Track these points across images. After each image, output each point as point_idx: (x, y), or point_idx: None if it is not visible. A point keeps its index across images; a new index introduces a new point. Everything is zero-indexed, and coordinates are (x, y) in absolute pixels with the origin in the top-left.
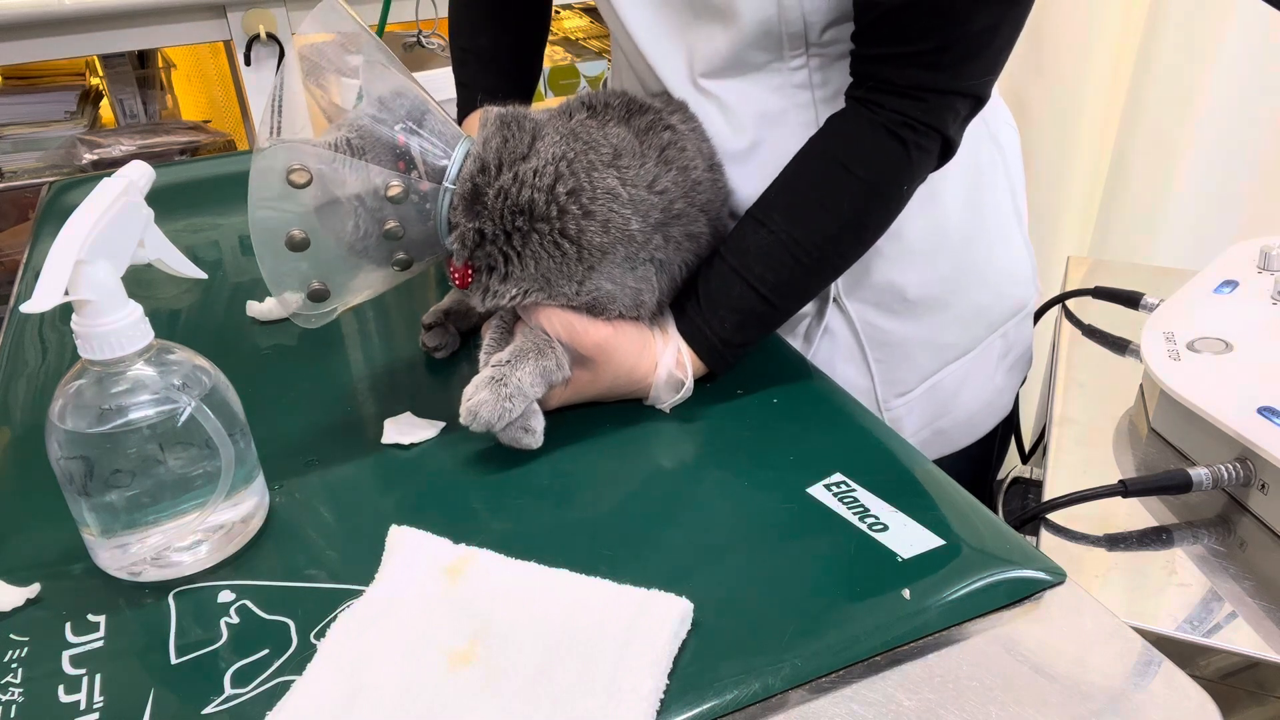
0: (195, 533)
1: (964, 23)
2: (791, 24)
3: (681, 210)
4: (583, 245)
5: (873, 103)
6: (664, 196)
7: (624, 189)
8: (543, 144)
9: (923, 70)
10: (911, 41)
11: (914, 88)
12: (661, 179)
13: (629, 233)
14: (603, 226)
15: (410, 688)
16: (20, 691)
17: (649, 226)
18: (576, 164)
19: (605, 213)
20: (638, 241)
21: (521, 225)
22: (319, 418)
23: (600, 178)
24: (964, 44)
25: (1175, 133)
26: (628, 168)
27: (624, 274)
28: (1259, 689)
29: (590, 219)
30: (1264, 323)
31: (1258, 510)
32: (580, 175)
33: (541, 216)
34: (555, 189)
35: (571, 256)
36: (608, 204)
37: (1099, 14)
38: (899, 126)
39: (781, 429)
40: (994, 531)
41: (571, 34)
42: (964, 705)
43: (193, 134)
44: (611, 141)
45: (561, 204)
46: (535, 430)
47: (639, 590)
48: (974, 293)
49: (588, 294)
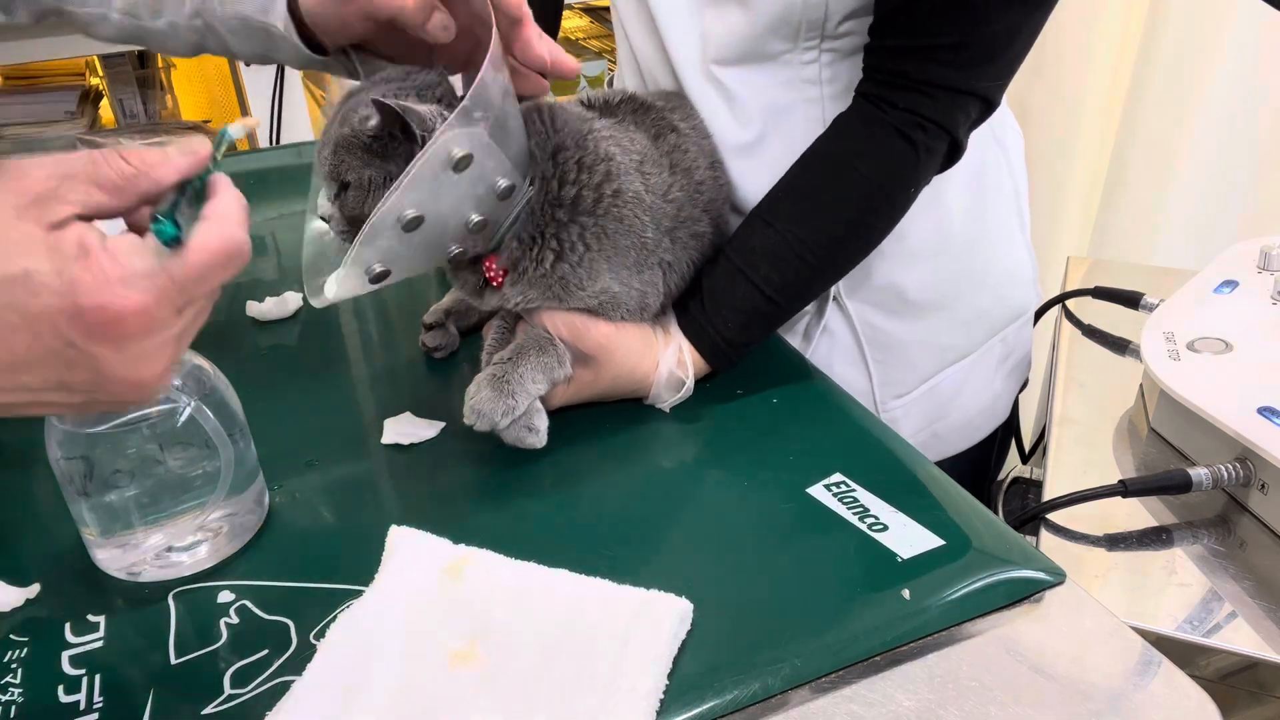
0: (195, 533)
1: (986, 22)
2: (812, 10)
3: (688, 214)
4: (606, 245)
5: (884, 100)
6: (674, 204)
7: (646, 195)
8: (591, 140)
9: (939, 66)
10: (931, 35)
11: (928, 83)
12: (673, 189)
13: (644, 239)
14: (628, 230)
15: (410, 688)
16: (20, 691)
17: (660, 233)
18: (621, 164)
19: (631, 217)
20: (649, 248)
21: (562, 217)
22: (319, 418)
23: (630, 181)
24: (983, 44)
25: (1175, 133)
26: (649, 175)
27: (631, 276)
28: (1259, 689)
29: (620, 222)
30: (1264, 323)
31: (1258, 510)
32: (621, 177)
33: (587, 211)
34: (603, 187)
35: (596, 254)
36: (635, 209)
37: (1099, 14)
38: (909, 127)
39: (781, 429)
40: (994, 531)
41: (571, 34)
42: (964, 705)
43: (193, 134)
44: (638, 146)
45: (606, 203)
46: (539, 429)
47: (639, 590)
48: (975, 295)
49: (594, 298)
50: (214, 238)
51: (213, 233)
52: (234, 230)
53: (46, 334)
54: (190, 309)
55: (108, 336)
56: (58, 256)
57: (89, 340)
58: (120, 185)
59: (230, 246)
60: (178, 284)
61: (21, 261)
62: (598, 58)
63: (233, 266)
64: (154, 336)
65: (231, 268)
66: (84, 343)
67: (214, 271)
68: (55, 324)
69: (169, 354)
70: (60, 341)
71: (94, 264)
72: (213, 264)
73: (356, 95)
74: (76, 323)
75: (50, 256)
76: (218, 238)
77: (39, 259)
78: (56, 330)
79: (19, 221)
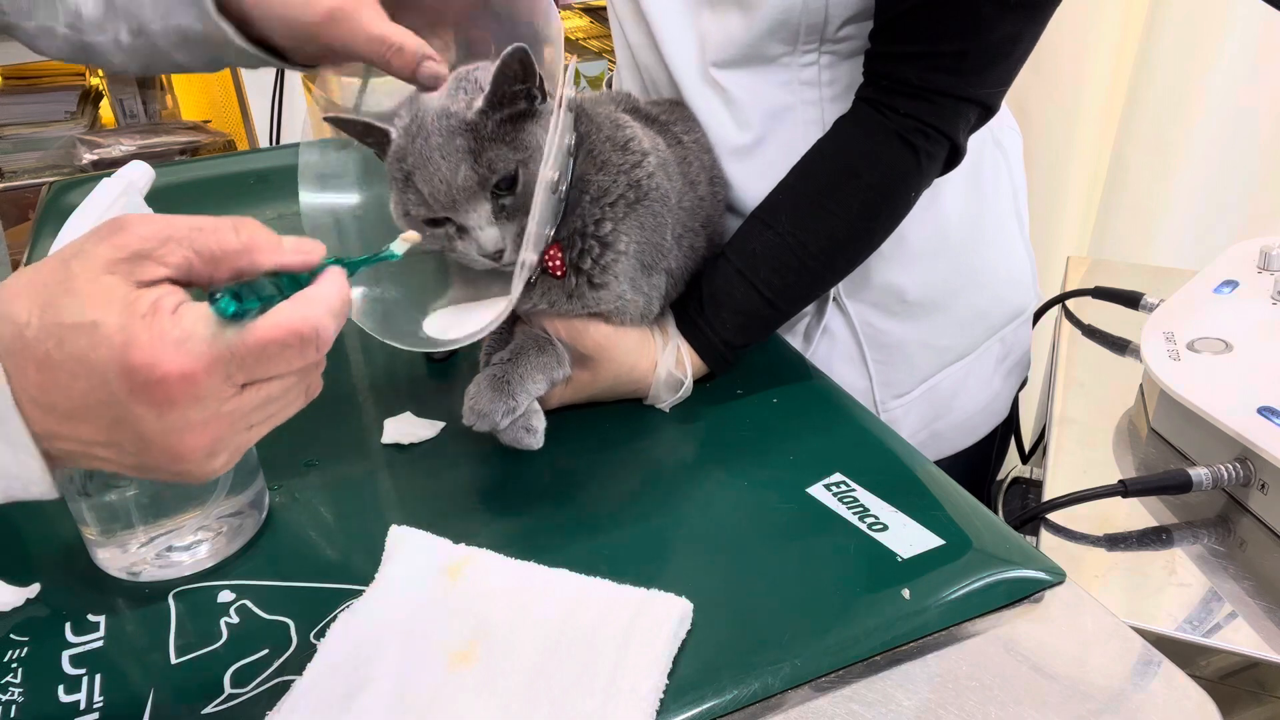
0: (195, 533)
1: (987, 31)
2: (812, 14)
3: (689, 226)
4: (634, 238)
5: (885, 105)
6: (685, 212)
7: (671, 195)
8: (632, 130)
9: (940, 73)
10: (933, 42)
11: (929, 90)
12: (685, 198)
13: (662, 240)
14: (655, 225)
15: (410, 688)
16: (20, 691)
17: (673, 238)
18: (653, 161)
19: (659, 212)
20: (663, 250)
21: (596, 213)
22: (319, 418)
23: (659, 179)
24: (984, 51)
25: (1174, 133)
26: (672, 177)
27: (641, 279)
28: (1259, 689)
29: (650, 216)
30: (1264, 323)
31: (1258, 510)
32: (655, 173)
33: (624, 202)
34: (637, 178)
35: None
36: (662, 206)
37: (1099, 14)
38: (911, 132)
39: (781, 429)
40: (994, 531)
41: (571, 34)
42: (963, 705)
43: (193, 134)
44: (661, 147)
45: (637, 193)
46: (536, 430)
47: (639, 590)
48: (973, 295)
49: (612, 300)
50: (286, 317)
51: (287, 312)
52: (314, 314)
53: (99, 386)
54: (253, 389)
55: (151, 397)
56: (128, 312)
57: (131, 398)
58: (218, 257)
59: (303, 329)
60: (234, 356)
61: (93, 313)
62: (598, 58)
63: (305, 351)
64: (198, 406)
65: (304, 352)
66: (127, 399)
67: (278, 350)
68: (106, 377)
69: (216, 431)
70: (108, 394)
71: (155, 323)
72: (277, 342)
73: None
74: (123, 379)
75: (122, 311)
76: (290, 317)
77: (110, 312)
78: (106, 383)
79: (106, 274)
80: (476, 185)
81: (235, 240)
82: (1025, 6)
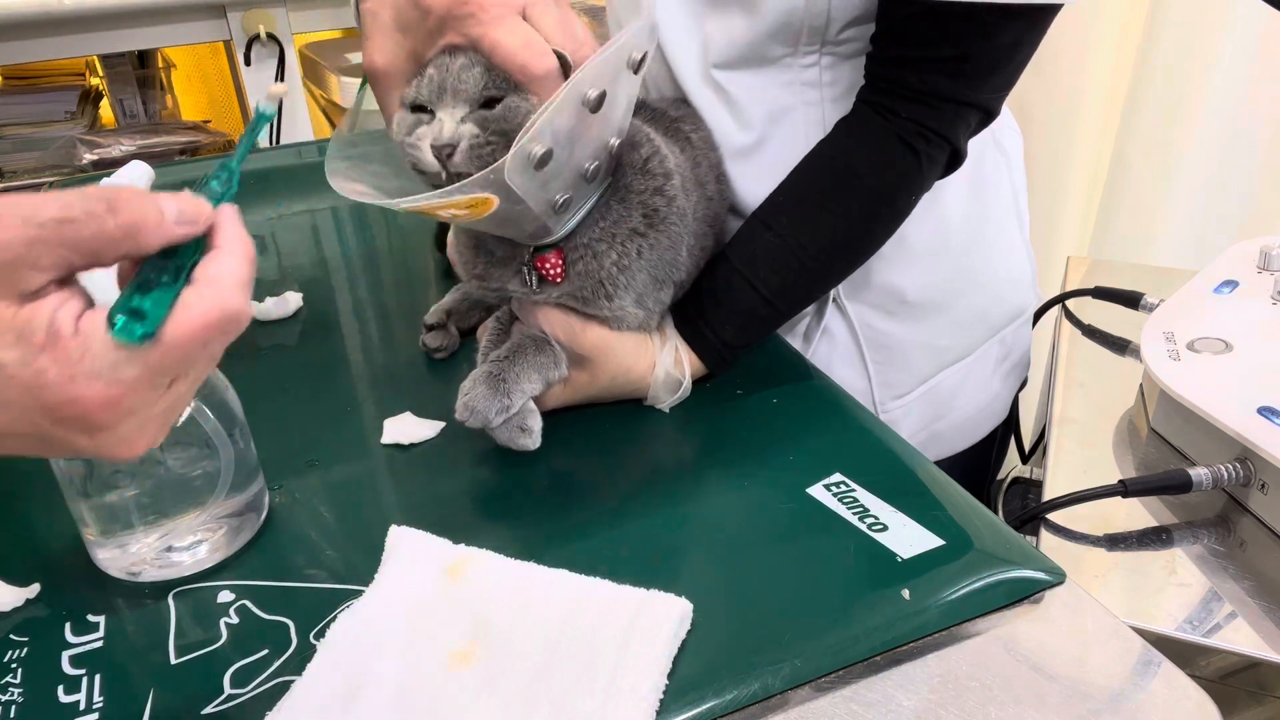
0: (195, 533)
1: (988, 36)
2: (815, 16)
3: (698, 230)
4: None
5: (886, 108)
6: (698, 222)
7: (689, 213)
8: (651, 146)
9: (942, 78)
10: (934, 47)
11: (931, 94)
12: (698, 208)
13: (677, 257)
14: (670, 244)
15: (410, 688)
16: (20, 691)
17: (686, 253)
18: (677, 181)
19: (676, 233)
20: (677, 265)
21: (622, 215)
22: (319, 418)
23: (682, 199)
24: (986, 56)
25: (1175, 133)
26: (690, 193)
27: (648, 294)
28: (1259, 689)
29: (666, 236)
30: (1264, 323)
31: (1258, 510)
32: (679, 195)
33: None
34: (665, 188)
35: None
36: (680, 226)
37: (1099, 14)
38: (912, 136)
39: (781, 429)
40: (994, 531)
41: None
42: (963, 705)
43: (193, 134)
44: (683, 164)
45: (661, 214)
46: (533, 430)
47: (638, 590)
48: (973, 296)
49: (616, 310)
50: (201, 310)
51: (198, 305)
52: (224, 297)
53: (20, 419)
54: (182, 379)
55: (79, 426)
56: (24, 345)
57: (59, 429)
58: (98, 250)
59: (219, 317)
60: (153, 369)
61: None
62: None
63: (227, 334)
64: (130, 420)
65: (225, 337)
66: (54, 429)
67: (200, 347)
68: (27, 413)
69: (153, 430)
70: (34, 427)
71: (61, 354)
72: (198, 340)
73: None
74: (45, 415)
75: (18, 343)
76: (205, 310)
77: (7, 348)
78: (29, 419)
79: None
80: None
81: (113, 226)
82: (1026, 13)
